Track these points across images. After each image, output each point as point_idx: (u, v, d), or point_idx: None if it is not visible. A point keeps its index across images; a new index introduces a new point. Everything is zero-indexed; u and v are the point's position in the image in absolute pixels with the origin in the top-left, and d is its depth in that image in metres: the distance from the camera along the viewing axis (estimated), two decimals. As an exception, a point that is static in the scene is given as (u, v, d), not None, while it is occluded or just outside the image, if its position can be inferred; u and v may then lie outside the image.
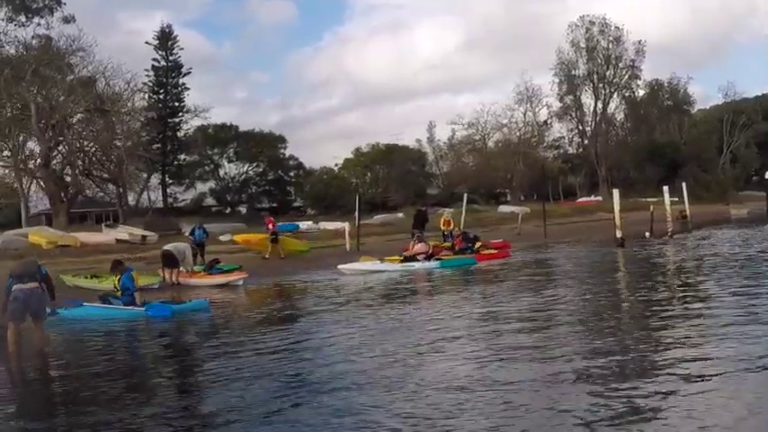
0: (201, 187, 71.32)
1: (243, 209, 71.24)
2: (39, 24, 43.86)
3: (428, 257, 22.27)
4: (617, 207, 27.19)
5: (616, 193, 27.89)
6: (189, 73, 63.92)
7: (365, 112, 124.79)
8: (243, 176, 72.24)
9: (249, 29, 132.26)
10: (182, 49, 63.09)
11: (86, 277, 19.58)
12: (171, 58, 62.49)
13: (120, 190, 51.32)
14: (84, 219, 52.93)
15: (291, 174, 75.76)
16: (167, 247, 20.51)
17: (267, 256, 25.07)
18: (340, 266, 21.27)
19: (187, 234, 24.76)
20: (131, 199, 56.12)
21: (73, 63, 43.46)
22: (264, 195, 74.65)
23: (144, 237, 30.45)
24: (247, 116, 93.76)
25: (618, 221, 26.73)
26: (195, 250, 21.49)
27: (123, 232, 31.47)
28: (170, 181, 65.70)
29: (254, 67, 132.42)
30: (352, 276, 20.47)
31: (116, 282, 14.63)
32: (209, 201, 71.90)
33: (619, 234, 26.50)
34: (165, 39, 62.31)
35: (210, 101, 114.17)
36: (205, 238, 22.73)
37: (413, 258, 22.12)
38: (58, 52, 42.30)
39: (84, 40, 42.77)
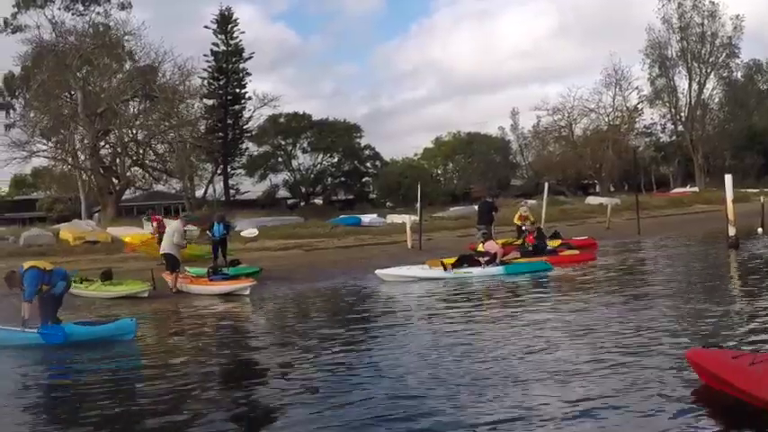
0: (275, 179, 68.77)
1: (318, 200, 68.68)
2: (98, 13, 42.40)
3: (492, 261, 17.97)
4: (729, 197, 21.96)
5: (728, 179, 22.42)
6: (251, 58, 60.72)
7: (453, 102, 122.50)
8: (317, 167, 69.22)
9: (337, 21, 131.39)
10: (242, 32, 59.82)
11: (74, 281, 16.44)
12: (231, 42, 59.13)
13: (188, 183, 49.55)
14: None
15: (368, 164, 72.40)
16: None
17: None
18: (378, 272, 17.32)
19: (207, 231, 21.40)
20: (199, 191, 54.47)
21: (130, 50, 41.68)
22: (340, 187, 71.69)
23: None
24: (335, 108, 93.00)
25: (731, 216, 21.67)
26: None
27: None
28: (234, 172, 63.09)
29: (341, 60, 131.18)
30: (391, 285, 16.49)
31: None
32: (283, 192, 69.47)
33: (732, 231, 21.44)
34: (225, 22, 59.05)
35: (298, 93, 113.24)
36: (226, 234, 19.43)
37: (472, 261, 17.98)
38: (112, 40, 40.52)
39: (134, 23, 40.96)
